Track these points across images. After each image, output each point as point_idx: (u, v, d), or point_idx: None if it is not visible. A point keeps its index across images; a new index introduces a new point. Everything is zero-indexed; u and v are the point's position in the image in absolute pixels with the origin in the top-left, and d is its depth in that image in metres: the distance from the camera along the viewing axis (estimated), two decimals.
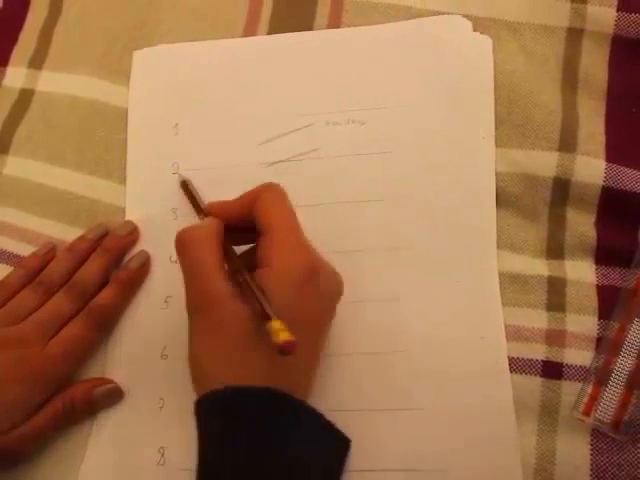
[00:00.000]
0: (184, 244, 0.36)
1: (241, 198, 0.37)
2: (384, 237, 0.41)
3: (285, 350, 0.31)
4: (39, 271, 0.42)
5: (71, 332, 0.40)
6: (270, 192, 0.37)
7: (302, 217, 0.41)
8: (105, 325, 0.41)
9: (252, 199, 0.37)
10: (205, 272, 0.34)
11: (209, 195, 0.43)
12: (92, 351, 0.42)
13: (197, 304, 0.35)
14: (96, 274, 0.42)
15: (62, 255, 0.43)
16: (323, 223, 0.41)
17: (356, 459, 0.38)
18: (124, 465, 0.40)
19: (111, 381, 0.41)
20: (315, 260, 0.35)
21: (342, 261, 0.40)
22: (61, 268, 0.42)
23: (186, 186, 0.43)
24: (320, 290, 0.35)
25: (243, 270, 0.35)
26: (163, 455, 0.39)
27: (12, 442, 0.38)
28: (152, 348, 0.41)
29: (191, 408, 0.40)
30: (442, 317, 0.39)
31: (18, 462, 0.40)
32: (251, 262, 0.36)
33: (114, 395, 0.40)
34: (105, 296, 0.41)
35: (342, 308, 0.37)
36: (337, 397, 0.39)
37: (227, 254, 0.36)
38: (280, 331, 0.31)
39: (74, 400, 0.39)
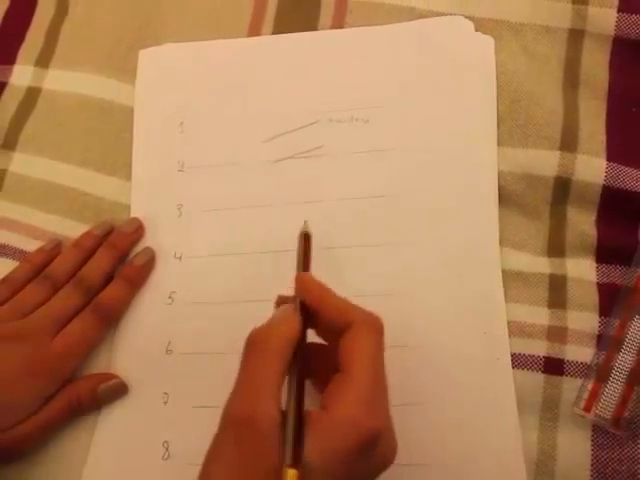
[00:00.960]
0: (252, 346, 0.32)
1: (338, 309, 0.33)
2: (387, 233, 0.41)
3: None
4: (45, 266, 0.42)
5: (77, 327, 0.40)
6: (368, 328, 0.32)
7: (306, 214, 0.42)
8: (111, 321, 0.42)
9: (346, 321, 0.32)
10: (262, 389, 0.30)
11: (213, 193, 0.44)
12: (97, 346, 0.42)
13: (238, 416, 0.30)
14: (102, 270, 0.42)
15: (68, 251, 0.43)
16: (326, 219, 0.42)
17: None
18: (128, 459, 0.40)
19: (116, 376, 0.41)
20: (380, 426, 0.30)
21: (345, 257, 0.41)
22: (67, 263, 0.42)
23: (307, 240, 0.37)
24: (372, 460, 0.30)
25: (294, 399, 0.31)
26: (167, 449, 0.40)
27: (19, 438, 0.38)
28: (156, 344, 0.42)
29: (195, 403, 0.40)
30: (445, 313, 0.40)
31: (22, 457, 0.40)
32: (330, 363, 0.32)
33: (119, 390, 0.41)
34: (111, 292, 0.41)
35: None
36: None
37: (294, 371, 0.32)
38: None
39: (80, 395, 0.40)
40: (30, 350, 0.38)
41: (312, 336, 0.35)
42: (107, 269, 0.42)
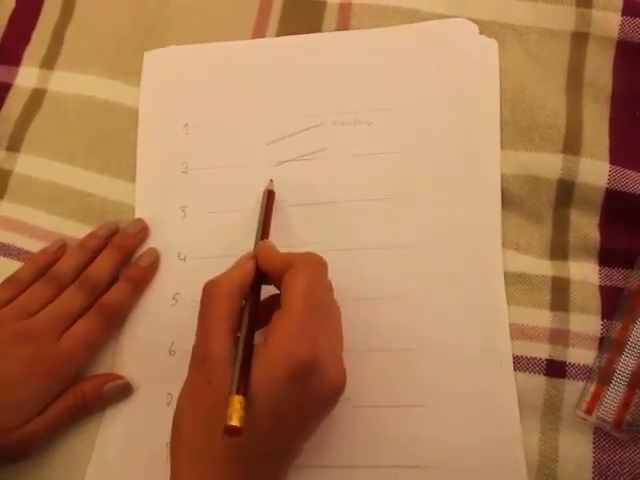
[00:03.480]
0: (205, 295, 0.36)
1: (282, 257, 0.36)
2: (390, 236, 0.42)
3: (227, 432, 0.30)
4: (49, 267, 0.43)
5: (82, 328, 0.40)
6: (303, 266, 0.35)
7: (309, 215, 0.42)
8: (116, 321, 0.42)
9: (288, 264, 0.35)
10: (212, 329, 0.34)
11: (217, 195, 0.44)
12: (102, 347, 0.42)
13: (197, 355, 0.35)
14: (107, 270, 0.42)
15: (73, 251, 0.43)
16: (330, 221, 0.42)
17: (358, 455, 0.38)
18: (132, 460, 0.40)
19: (121, 377, 0.41)
20: (313, 356, 0.32)
21: (348, 259, 0.41)
22: (72, 264, 0.42)
23: (270, 197, 0.42)
24: (310, 388, 0.33)
25: (243, 335, 0.34)
26: None
27: (24, 438, 0.38)
28: (160, 344, 0.42)
29: None
30: (447, 315, 0.40)
31: (27, 456, 0.40)
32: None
33: (124, 390, 0.41)
34: (116, 293, 0.42)
35: (347, 305, 0.37)
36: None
37: (245, 310, 0.35)
38: (234, 411, 0.30)
39: (85, 395, 0.40)
40: (35, 350, 0.39)
41: None
42: (112, 270, 0.42)
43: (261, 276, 0.37)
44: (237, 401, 0.31)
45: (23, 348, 0.38)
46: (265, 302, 0.37)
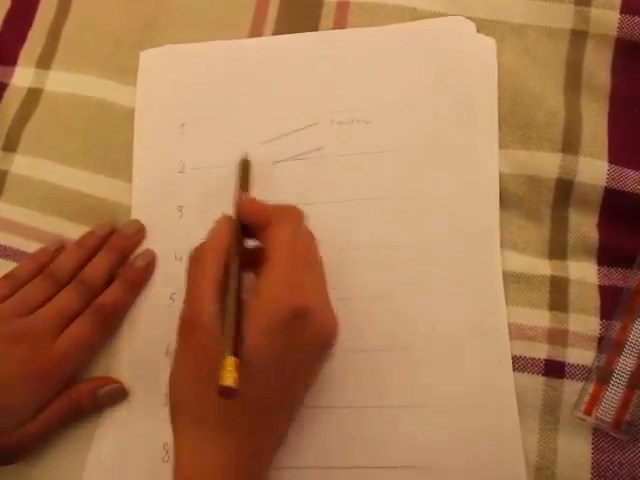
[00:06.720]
0: (191, 261, 0.36)
1: (258, 212, 0.37)
2: (388, 235, 0.41)
3: (223, 394, 0.30)
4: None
5: (78, 330, 0.40)
6: (283, 219, 0.36)
7: (306, 216, 0.42)
8: (111, 323, 0.42)
9: (269, 217, 0.36)
10: (200, 292, 0.35)
11: (214, 194, 0.44)
12: (98, 348, 0.42)
13: (182, 319, 0.35)
14: (103, 272, 0.42)
15: (71, 249, 0.43)
16: (327, 221, 0.42)
17: (358, 456, 0.38)
18: (129, 462, 0.40)
19: (116, 381, 0.41)
20: (305, 303, 0.33)
21: (346, 258, 0.41)
22: (69, 262, 0.42)
23: (245, 166, 0.42)
24: (303, 337, 0.33)
25: (232, 293, 0.34)
26: (168, 451, 0.40)
27: (18, 440, 0.38)
28: (156, 345, 0.42)
29: None
30: (446, 315, 0.40)
31: (21, 459, 0.40)
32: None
33: (119, 395, 0.41)
34: (112, 294, 0.41)
35: (346, 305, 0.37)
36: (339, 394, 0.39)
37: (231, 268, 0.36)
38: (228, 372, 0.30)
39: (80, 399, 0.40)
40: (31, 352, 0.38)
41: None
42: (108, 271, 0.42)
43: (242, 232, 0.37)
44: (229, 363, 0.30)
45: (18, 350, 0.38)
46: (250, 257, 0.37)
